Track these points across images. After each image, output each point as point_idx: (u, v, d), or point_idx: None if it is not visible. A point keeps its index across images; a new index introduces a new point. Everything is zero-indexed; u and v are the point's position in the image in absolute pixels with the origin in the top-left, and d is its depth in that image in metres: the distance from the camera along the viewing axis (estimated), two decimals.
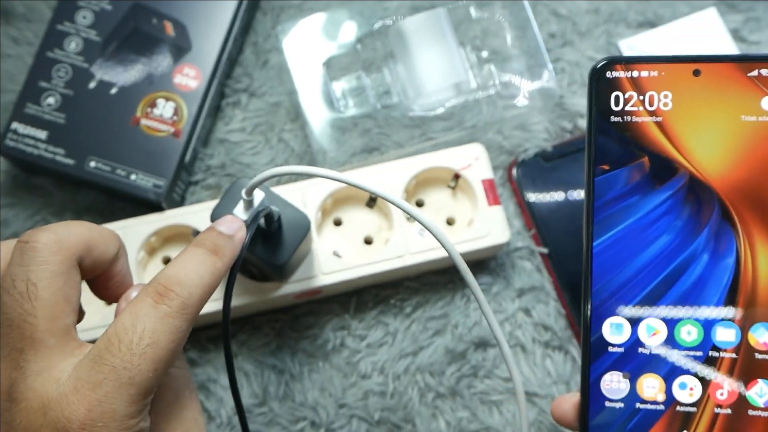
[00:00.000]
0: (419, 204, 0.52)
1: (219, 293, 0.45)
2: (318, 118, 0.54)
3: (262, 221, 0.42)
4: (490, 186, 0.50)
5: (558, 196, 0.54)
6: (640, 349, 0.33)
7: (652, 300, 0.33)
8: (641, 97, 0.34)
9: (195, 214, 0.49)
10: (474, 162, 0.51)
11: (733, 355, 0.33)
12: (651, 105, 0.34)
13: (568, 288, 0.53)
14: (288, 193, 0.49)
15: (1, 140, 0.51)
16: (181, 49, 0.53)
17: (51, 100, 0.52)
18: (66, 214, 0.54)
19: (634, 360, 0.33)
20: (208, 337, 0.52)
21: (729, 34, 0.57)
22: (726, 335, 0.33)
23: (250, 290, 0.48)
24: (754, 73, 0.33)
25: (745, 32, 0.57)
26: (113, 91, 0.52)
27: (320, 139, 0.54)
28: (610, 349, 0.33)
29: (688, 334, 0.33)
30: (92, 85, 0.52)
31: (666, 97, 0.34)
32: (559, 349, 0.52)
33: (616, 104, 0.34)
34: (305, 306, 0.52)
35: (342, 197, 0.51)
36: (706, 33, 0.57)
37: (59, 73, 0.52)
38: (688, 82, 0.33)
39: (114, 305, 0.49)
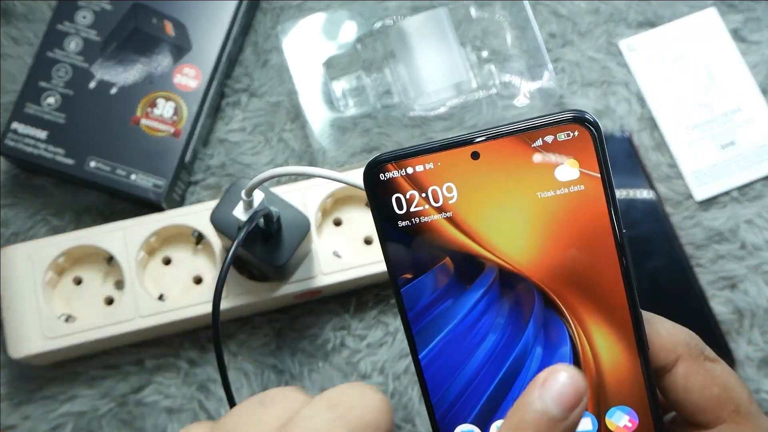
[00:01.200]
0: None
1: (210, 295, 0.45)
2: (318, 118, 0.54)
3: (261, 222, 0.42)
4: None
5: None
6: None
7: (497, 401, 0.31)
8: (424, 195, 0.30)
9: (195, 214, 0.49)
10: None
11: None
12: (436, 201, 0.30)
13: None
14: (288, 193, 0.49)
15: (1, 140, 0.51)
16: (181, 49, 0.53)
17: (51, 99, 0.52)
18: (66, 214, 0.54)
19: None
20: (208, 337, 0.52)
21: (729, 33, 0.57)
22: (582, 424, 0.30)
23: (250, 290, 0.48)
24: (539, 142, 0.29)
25: (745, 32, 0.57)
26: (113, 90, 0.52)
27: (320, 139, 0.54)
28: None
29: None
30: (92, 85, 0.52)
31: (450, 190, 0.30)
32: None
33: (399, 207, 0.30)
34: (305, 306, 0.52)
35: (342, 197, 0.51)
36: (706, 33, 0.57)
37: (59, 73, 0.52)
38: (468, 168, 0.30)
39: (111, 305, 0.49)
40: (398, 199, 0.30)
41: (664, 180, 0.55)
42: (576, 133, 0.29)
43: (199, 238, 0.50)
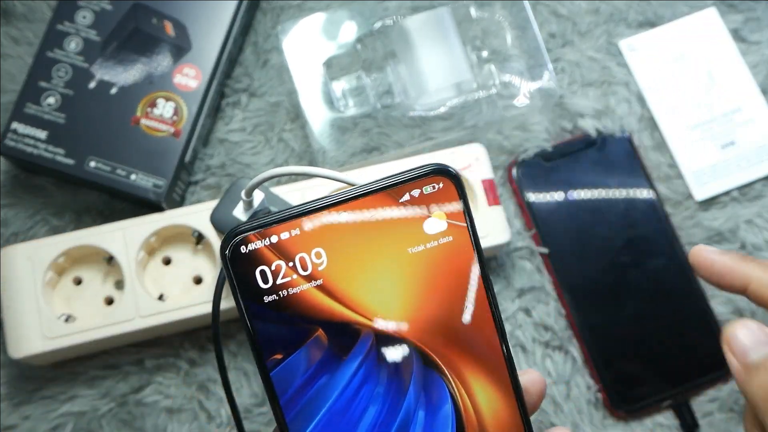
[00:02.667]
0: None
1: (210, 295, 0.45)
2: (318, 118, 0.54)
3: None
4: (490, 186, 0.50)
5: (558, 196, 0.54)
6: None
7: None
8: (291, 264, 0.28)
9: (195, 214, 0.49)
10: (474, 162, 0.51)
11: None
12: (305, 269, 0.28)
13: (568, 288, 0.53)
14: (288, 193, 0.49)
15: (1, 140, 0.51)
16: (181, 49, 0.53)
17: (51, 99, 0.52)
18: (66, 214, 0.54)
19: None
20: (208, 337, 0.52)
21: (729, 33, 0.57)
22: None
23: None
24: (405, 197, 0.29)
25: (745, 32, 0.57)
26: (113, 90, 0.52)
27: (320, 138, 0.54)
28: None
29: None
30: (92, 85, 0.52)
31: (319, 255, 0.28)
32: (559, 349, 0.52)
33: (265, 281, 0.28)
34: None
35: None
36: (706, 33, 0.57)
37: (59, 73, 0.52)
38: (337, 230, 0.29)
39: (111, 305, 0.49)
40: (263, 272, 0.28)
41: (664, 180, 0.55)
42: (441, 185, 0.29)
43: (199, 238, 0.50)
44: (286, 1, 0.57)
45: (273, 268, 0.28)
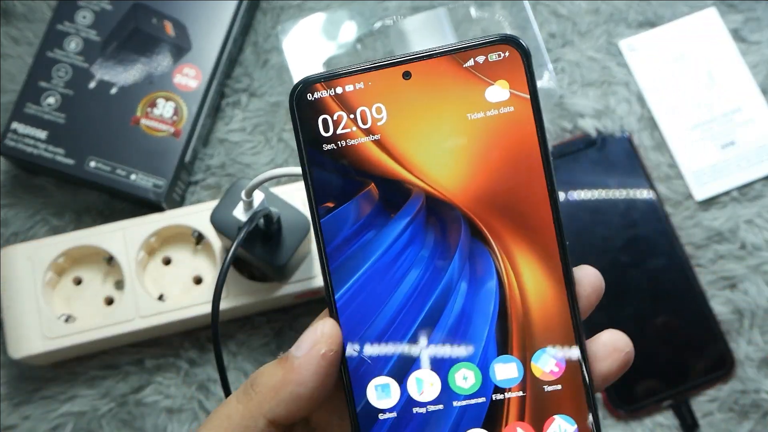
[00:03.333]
0: None
1: (210, 295, 0.45)
2: None
3: (261, 222, 0.42)
4: None
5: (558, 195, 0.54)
6: (416, 410, 0.28)
7: (416, 348, 0.28)
8: (352, 116, 0.29)
9: (195, 214, 0.49)
10: None
11: (520, 393, 0.28)
12: (364, 122, 0.29)
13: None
14: (288, 193, 0.49)
15: (1, 140, 0.51)
16: (181, 49, 0.53)
17: (51, 99, 0.52)
18: (66, 214, 0.54)
19: (411, 424, 0.28)
20: (208, 337, 0.52)
21: (729, 33, 0.57)
22: (507, 371, 0.28)
23: (250, 290, 0.48)
24: (470, 63, 0.29)
25: (745, 32, 0.57)
26: (113, 91, 0.52)
27: None
28: (381, 416, 0.28)
29: (465, 379, 0.28)
30: (92, 85, 0.52)
31: (379, 111, 0.29)
32: None
33: (326, 130, 0.29)
34: (305, 306, 0.52)
35: None
36: (706, 33, 0.57)
37: (59, 73, 0.52)
38: (400, 88, 0.29)
39: (111, 305, 0.49)
40: (325, 121, 0.29)
41: (664, 180, 0.55)
42: (507, 54, 0.29)
43: (199, 238, 0.50)
44: (286, 1, 0.57)
45: (335, 117, 0.29)
